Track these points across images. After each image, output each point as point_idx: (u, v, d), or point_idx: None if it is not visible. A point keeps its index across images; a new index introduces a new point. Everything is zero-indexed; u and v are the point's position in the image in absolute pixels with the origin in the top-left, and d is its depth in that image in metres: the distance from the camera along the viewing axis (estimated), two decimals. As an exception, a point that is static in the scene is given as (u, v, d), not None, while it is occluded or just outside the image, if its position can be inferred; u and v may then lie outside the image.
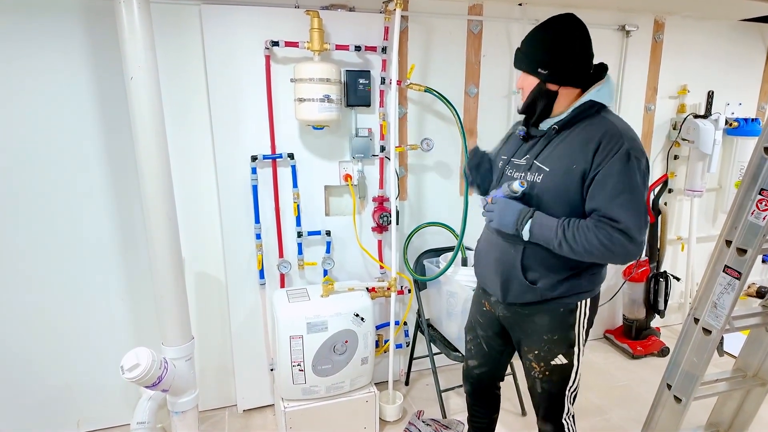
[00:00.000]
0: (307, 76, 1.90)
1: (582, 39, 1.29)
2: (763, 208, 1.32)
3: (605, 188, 1.21)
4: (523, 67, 1.34)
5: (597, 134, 1.24)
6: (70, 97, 1.87)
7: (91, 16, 1.83)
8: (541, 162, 1.32)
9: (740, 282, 1.38)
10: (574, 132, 1.29)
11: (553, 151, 1.31)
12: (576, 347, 1.42)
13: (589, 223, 1.22)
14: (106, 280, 2.07)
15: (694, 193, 2.81)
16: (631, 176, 1.20)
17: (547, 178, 1.29)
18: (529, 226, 1.27)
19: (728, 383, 1.66)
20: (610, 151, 1.21)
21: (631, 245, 1.20)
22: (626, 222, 1.19)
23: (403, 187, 2.39)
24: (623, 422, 2.24)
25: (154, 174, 1.60)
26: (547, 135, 1.34)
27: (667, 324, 3.16)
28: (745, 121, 2.81)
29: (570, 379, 1.44)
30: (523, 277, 1.37)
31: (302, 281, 2.29)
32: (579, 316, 1.39)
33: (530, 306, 1.40)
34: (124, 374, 1.49)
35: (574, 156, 1.25)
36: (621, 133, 1.23)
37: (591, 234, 1.20)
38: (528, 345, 1.46)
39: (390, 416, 2.25)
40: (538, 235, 1.27)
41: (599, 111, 1.30)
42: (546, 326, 1.40)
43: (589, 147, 1.23)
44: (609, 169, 1.20)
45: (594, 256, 1.23)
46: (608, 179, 1.20)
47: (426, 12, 2.21)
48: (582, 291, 1.38)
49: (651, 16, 2.62)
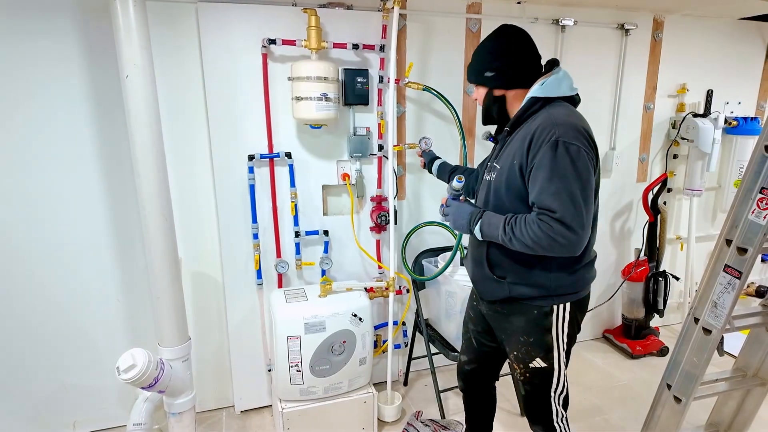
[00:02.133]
0: (305, 75, 1.89)
1: (517, 42, 1.37)
2: (763, 206, 1.31)
3: (538, 179, 1.22)
4: (471, 80, 1.45)
5: (533, 128, 1.26)
6: (64, 95, 1.86)
7: (86, 14, 1.81)
8: (496, 162, 1.39)
9: (740, 281, 1.38)
10: (519, 130, 1.34)
11: (504, 150, 1.37)
12: (555, 351, 1.39)
13: (531, 216, 1.23)
14: (102, 281, 2.06)
15: (693, 192, 2.81)
16: (560, 164, 1.18)
17: (498, 176, 1.35)
18: (479, 225, 1.33)
19: (728, 383, 1.66)
20: (542, 142, 1.21)
21: (571, 234, 1.17)
22: (561, 211, 1.17)
23: (402, 186, 2.38)
24: (622, 422, 2.24)
25: (150, 173, 1.59)
26: (502, 137, 1.42)
27: (666, 323, 3.16)
28: (744, 120, 2.81)
29: (553, 383, 1.42)
30: (490, 272, 1.40)
31: (300, 281, 2.28)
32: (556, 320, 1.36)
33: (506, 305, 1.42)
34: (120, 375, 1.48)
35: (515, 153, 1.30)
36: (554, 123, 1.22)
37: (535, 226, 1.20)
38: (508, 345, 1.47)
39: (388, 417, 2.24)
40: (488, 234, 1.32)
41: (544, 106, 1.31)
42: (521, 328, 1.40)
43: (525, 142, 1.26)
44: (540, 160, 1.21)
45: (543, 248, 1.21)
46: (539, 170, 1.21)
47: (424, 10, 2.20)
48: (556, 294, 1.34)
49: (650, 14, 2.61)
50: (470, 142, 2.43)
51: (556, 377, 1.42)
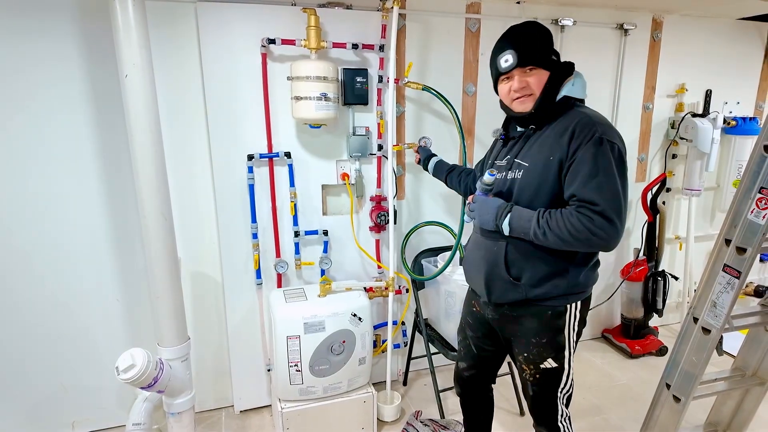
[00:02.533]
0: (304, 74, 1.89)
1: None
2: (763, 206, 1.31)
3: (580, 173, 1.22)
4: (527, 62, 1.30)
5: (571, 124, 1.26)
6: (63, 95, 1.85)
7: (85, 14, 1.81)
8: (521, 159, 1.35)
9: (740, 281, 1.38)
10: (550, 127, 1.32)
11: (532, 147, 1.34)
12: (566, 351, 1.39)
13: (569, 209, 1.23)
14: (101, 280, 2.05)
15: (692, 192, 2.81)
16: (604, 161, 1.21)
17: (527, 173, 1.32)
18: (508, 219, 1.29)
19: (727, 382, 1.66)
20: (584, 138, 1.23)
21: (611, 228, 1.19)
22: (603, 204, 1.19)
23: (401, 186, 2.38)
24: (622, 422, 2.24)
25: (150, 173, 1.59)
26: (525, 134, 1.38)
27: (665, 323, 3.16)
28: (743, 120, 2.81)
29: (561, 383, 1.43)
30: (506, 274, 1.36)
31: (299, 281, 2.28)
32: (569, 319, 1.37)
33: (517, 307, 1.39)
34: (119, 375, 1.48)
35: (552, 148, 1.28)
36: (594, 121, 1.25)
37: (574, 218, 1.20)
38: (518, 348, 1.45)
39: (388, 416, 2.24)
40: (518, 228, 1.28)
41: (573, 106, 1.32)
42: (534, 329, 1.39)
43: (564, 137, 1.26)
44: (582, 155, 1.22)
45: (578, 241, 1.21)
46: (582, 165, 1.22)
47: (424, 10, 2.20)
48: (570, 293, 1.35)
49: (649, 14, 2.61)
50: (469, 142, 2.43)
51: (565, 377, 1.42)
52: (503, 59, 1.32)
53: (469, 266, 1.53)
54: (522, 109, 1.34)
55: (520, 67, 1.31)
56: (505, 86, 1.36)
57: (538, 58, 1.31)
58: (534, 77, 1.31)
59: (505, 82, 1.36)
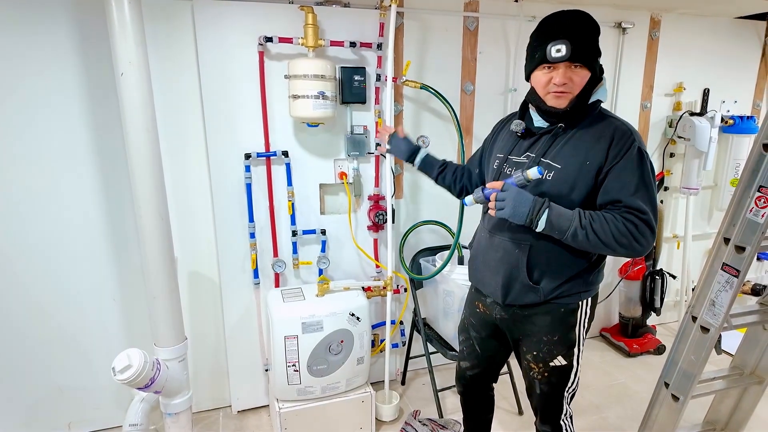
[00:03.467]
0: (302, 73, 1.88)
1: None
2: (761, 205, 1.31)
3: (625, 182, 1.23)
4: (578, 59, 1.23)
5: (608, 131, 1.26)
6: (58, 93, 1.84)
7: (80, 11, 1.79)
8: (551, 159, 1.30)
9: (738, 280, 1.37)
10: (582, 129, 1.29)
11: (563, 148, 1.30)
12: (576, 348, 1.41)
13: (613, 213, 1.23)
14: (98, 281, 2.04)
15: (689, 190, 2.81)
16: (647, 173, 1.24)
17: (559, 175, 1.28)
18: (546, 215, 1.22)
19: (725, 381, 1.66)
20: (623, 147, 1.23)
21: (651, 237, 1.23)
22: (650, 213, 1.22)
23: (399, 185, 2.37)
24: (620, 421, 2.24)
25: (146, 172, 1.58)
26: (553, 132, 1.32)
27: (663, 322, 3.16)
28: (740, 119, 2.82)
29: (569, 381, 1.43)
30: (527, 278, 1.35)
31: (297, 281, 2.27)
32: (580, 317, 1.39)
33: (530, 307, 1.39)
34: (115, 376, 1.47)
35: (588, 152, 1.26)
36: (631, 131, 1.27)
37: (620, 223, 1.21)
38: (527, 346, 1.44)
39: (386, 416, 2.24)
40: (556, 225, 1.23)
41: (600, 109, 1.33)
42: (546, 327, 1.39)
43: (601, 143, 1.25)
44: (625, 164, 1.23)
45: (620, 246, 1.21)
46: (627, 174, 1.23)
47: (421, 8, 2.19)
48: (582, 291, 1.37)
49: (647, 13, 2.61)
50: (468, 141, 2.43)
51: (573, 374, 1.43)
52: (555, 48, 1.22)
53: (481, 267, 1.49)
54: (557, 105, 1.28)
55: (569, 61, 1.23)
56: (545, 76, 1.27)
57: (588, 58, 1.25)
58: (579, 76, 1.25)
59: (546, 71, 1.27)
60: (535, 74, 1.30)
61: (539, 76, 1.29)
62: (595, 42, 1.27)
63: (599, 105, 1.32)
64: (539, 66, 1.28)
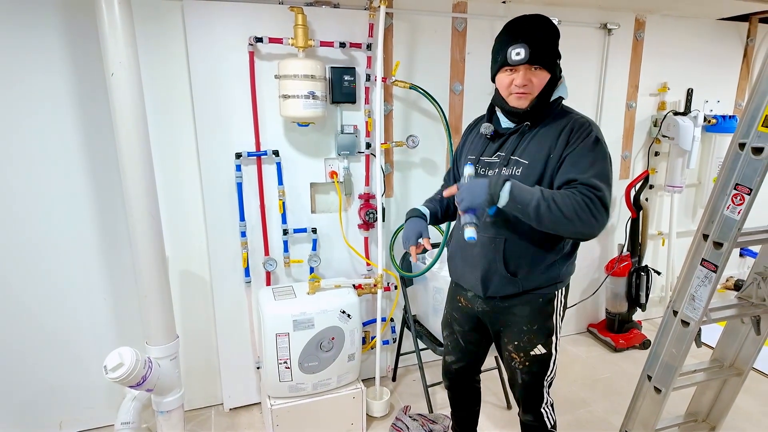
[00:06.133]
0: (292, 73, 1.89)
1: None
2: (738, 202, 1.35)
3: (581, 163, 1.28)
4: (537, 61, 1.30)
5: (567, 123, 1.34)
6: (48, 93, 1.83)
7: (70, 11, 1.79)
8: (519, 156, 1.37)
9: (716, 275, 1.42)
10: (545, 126, 1.36)
11: (529, 144, 1.36)
12: (554, 336, 1.47)
13: (570, 190, 1.26)
14: (89, 279, 2.04)
15: (674, 188, 2.87)
16: (600, 156, 1.29)
17: (527, 170, 1.34)
18: (509, 187, 1.22)
19: (706, 373, 1.70)
20: (581, 136, 1.30)
21: (605, 216, 1.26)
22: (603, 191, 1.25)
23: (389, 184, 2.39)
24: (606, 414, 2.29)
25: (137, 171, 1.58)
26: (520, 131, 1.39)
27: (648, 317, 3.22)
28: (723, 118, 2.88)
29: (548, 369, 1.49)
30: (504, 270, 1.40)
31: (288, 279, 2.29)
32: (556, 306, 1.45)
33: (510, 298, 1.44)
34: (107, 374, 1.47)
35: (551, 146, 1.33)
36: (589, 122, 1.34)
37: (578, 197, 1.23)
38: (508, 337, 1.49)
39: (377, 412, 2.26)
40: (519, 196, 1.22)
41: (561, 106, 1.39)
42: (526, 317, 1.44)
43: (562, 135, 1.32)
44: (582, 149, 1.29)
45: (580, 221, 1.21)
46: (582, 157, 1.28)
47: (411, 9, 2.21)
48: (558, 281, 1.44)
49: (632, 14, 2.66)
50: (456, 140, 2.46)
51: (551, 362, 1.48)
52: (515, 51, 1.29)
53: (461, 263, 1.53)
54: (519, 105, 1.35)
55: (528, 64, 1.30)
56: (507, 78, 1.34)
57: (547, 61, 1.31)
58: (538, 77, 1.31)
59: (508, 73, 1.34)
60: (498, 76, 1.38)
61: (502, 78, 1.37)
62: (554, 45, 1.34)
63: (561, 102, 1.38)
64: (502, 68, 1.36)
